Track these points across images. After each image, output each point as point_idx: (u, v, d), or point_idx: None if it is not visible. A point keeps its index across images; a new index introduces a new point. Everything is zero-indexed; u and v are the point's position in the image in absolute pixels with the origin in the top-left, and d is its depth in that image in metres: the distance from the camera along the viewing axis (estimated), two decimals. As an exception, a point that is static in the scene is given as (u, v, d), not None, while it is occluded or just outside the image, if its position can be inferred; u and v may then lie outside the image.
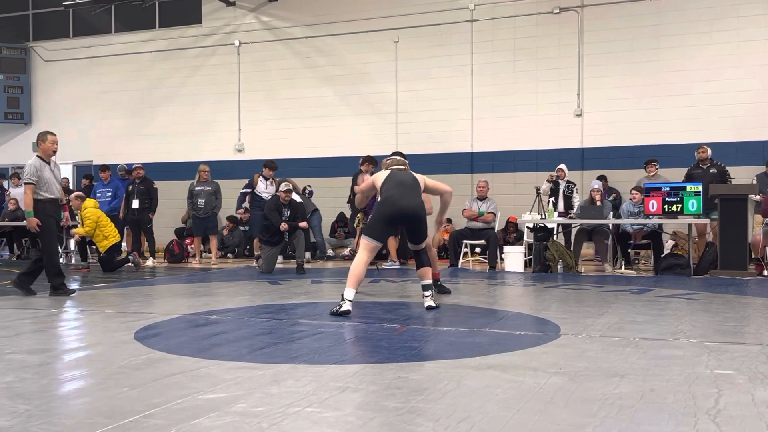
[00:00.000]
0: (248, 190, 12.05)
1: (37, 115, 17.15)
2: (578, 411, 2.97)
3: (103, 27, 16.50)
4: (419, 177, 6.40)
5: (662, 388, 3.33)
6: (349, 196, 11.76)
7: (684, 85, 12.19)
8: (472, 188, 12.39)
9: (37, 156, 7.36)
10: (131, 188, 12.23)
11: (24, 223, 13.19)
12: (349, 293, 5.77)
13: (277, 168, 12.09)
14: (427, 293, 6.12)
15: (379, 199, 6.26)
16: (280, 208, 10.23)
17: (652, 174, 10.85)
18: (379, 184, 6.28)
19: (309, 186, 13.16)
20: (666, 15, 12.38)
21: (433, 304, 6.04)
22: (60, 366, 3.95)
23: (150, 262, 11.96)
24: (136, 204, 12.03)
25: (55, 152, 7.42)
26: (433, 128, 13.60)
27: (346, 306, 5.69)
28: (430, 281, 6.23)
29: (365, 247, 6.06)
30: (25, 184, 7.27)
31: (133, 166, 12.57)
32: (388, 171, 6.36)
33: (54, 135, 7.48)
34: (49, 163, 7.33)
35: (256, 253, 11.52)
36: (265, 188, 11.79)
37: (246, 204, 12.20)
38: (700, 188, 9.49)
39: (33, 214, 7.21)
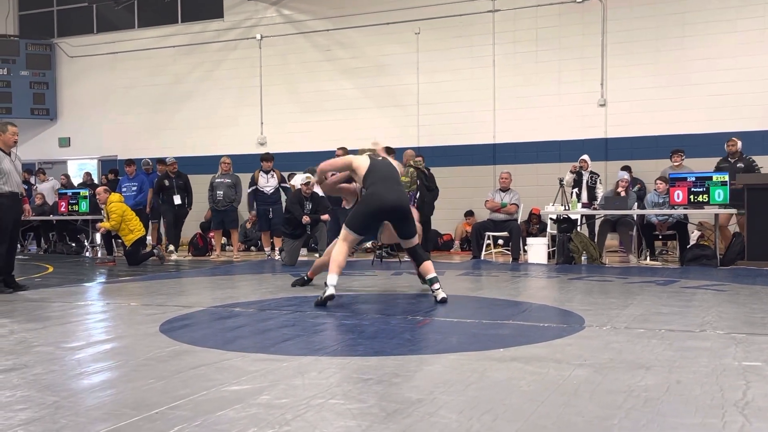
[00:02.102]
0: (254, 188, 11.84)
1: (62, 111, 17.35)
2: (603, 403, 2.94)
3: (126, 23, 16.64)
4: (398, 166, 6.42)
5: (689, 380, 3.30)
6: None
7: (709, 74, 12.00)
8: (495, 180, 12.33)
9: None
10: (168, 183, 12.07)
11: (51, 217, 13.49)
12: (332, 279, 5.76)
13: (273, 159, 12.02)
14: (435, 286, 5.98)
15: (364, 192, 6.18)
16: (302, 201, 10.26)
17: (677, 164, 10.71)
18: (361, 172, 6.15)
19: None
20: (690, 2, 12.20)
21: (445, 296, 5.93)
22: (87, 358, 4.00)
23: (174, 255, 12.02)
24: (178, 200, 12.01)
25: (15, 143, 7.26)
26: (455, 120, 13.55)
27: (330, 291, 5.70)
28: (435, 274, 6.07)
29: (345, 239, 6.01)
30: None
31: (168, 160, 12.46)
32: (368, 158, 6.24)
33: (15, 126, 7.30)
34: (9, 154, 7.18)
35: (276, 248, 11.56)
36: (266, 182, 11.67)
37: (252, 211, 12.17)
38: (726, 178, 9.35)
39: None
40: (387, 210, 6.04)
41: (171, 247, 12.26)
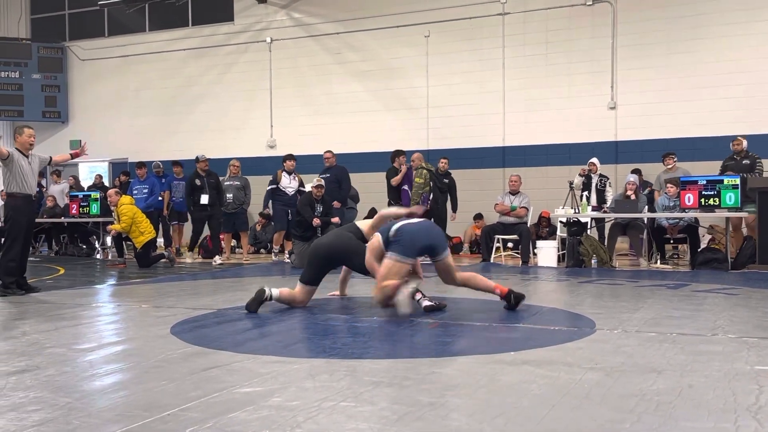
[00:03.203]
0: (274, 186, 11.67)
1: (74, 114, 17.46)
2: (615, 407, 2.93)
3: (137, 26, 16.74)
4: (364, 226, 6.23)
5: (701, 384, 3.28)
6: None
7: (721, 77, 11.96)
8: (504, 183, 12.31)
9: (15, 148, 7.29)
10: (200, 182, 11.34)
11: (63, 219, 13.56)
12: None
13: (296, 160, 11.89)
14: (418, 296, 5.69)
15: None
16: (313, 203, 10.28)
17: (670, 167, 10.68)
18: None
19: None
20: (702, 5, 12.17)
21: (432, 303, 5.60)
22: (99, 360, 4.02)
23: (189, 258, 11.92)
24: (205, 199, 11.26)
25: (32, 145, 7.34)
26: (465, 123, 13.55)
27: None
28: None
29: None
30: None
31: (201, 157, 11.59)
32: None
33: (31, 129, 7.37)
34: (27, 156, 7.28)
35: (287, 250, 11.58)
36: (288, 183, 11.55)
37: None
38: (737, 181, 9.30)
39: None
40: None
41: (188, 254, 11.96)
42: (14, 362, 3.90)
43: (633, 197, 10.01)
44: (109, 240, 12.91)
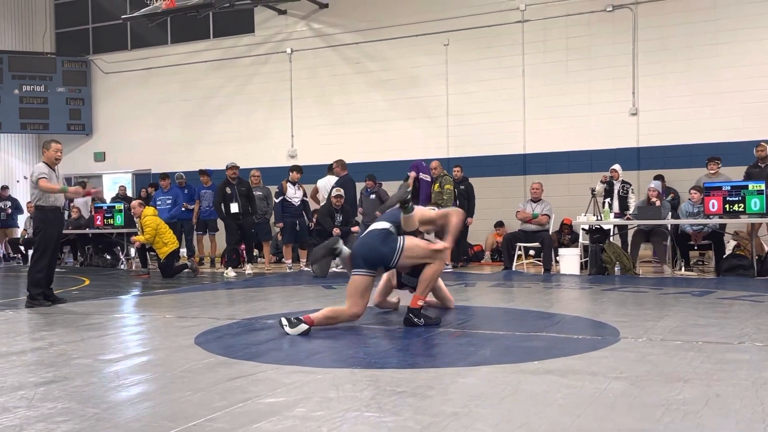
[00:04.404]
0: (282, 197, 11.54)
1: (98, 126, 17.69)
2: (641, 416, 2.91)
3: (160, 39, 16.94)
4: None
5: (728, 393, 3.24)
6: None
7: (743, 81, 11.85)
8: (525, 190, 12.27)
9: (43, 162, 7.40)
10: (230, 191, 10.92)
11: (87, 231, 13.72)
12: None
13: (302, 173, 11.88)
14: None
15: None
16: (333, 213, 10.32)
17: (713, 172, 10.55)
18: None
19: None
20: (723, 9, 12.07)
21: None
22: (124, 370, 4.06)
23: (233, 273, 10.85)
24: (235, 208, 10.83)
25: (58, 160, 7.43)
26: (485, 130, 13.53)
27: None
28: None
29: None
30: (39, 179, 7.12)
31: (229, 165, 11.11)
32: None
33: (59, 144, 7.47)
34: (54, 170, 7.38)
35: (301, 260, 11.60)
36: (294, 193, 11.49)
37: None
38: (763, 186, 9.18)
39: (67, 189, 7.35)
40: None
41: (230, 271, 10.82)
42: (42, 373, 3.96)
43: (658, 203, 9.92)
44: (133, 251, 13.02)
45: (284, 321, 5.10)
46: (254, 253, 12.52)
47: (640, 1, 12.60)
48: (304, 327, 5.03)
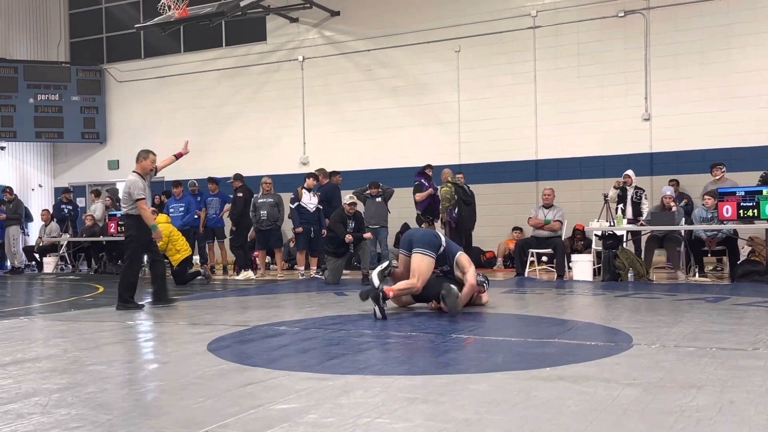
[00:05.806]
0: (297, 203, 11.56)
1: (112, 134, 17.82)
2: (654, 423, 2.89)
3: (173, 48, 17.06)
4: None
5: (742, 400, 3.22)
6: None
7: (757, 86, 11.78)
8: (537, 196, 12.24)
9: (135, 172, 7.66)
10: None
11: (101, 238, 13.81)
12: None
13: (318, 180, 11.93)
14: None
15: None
16: (345, 219, 10.33)
17: (718, 177, 10.50)
18: None
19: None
20: (736, 14, 12.00)
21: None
22: (138, 377, 4.08)
23: (245, 275, 11.67)
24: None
25: (152, 170, 7.75)
26: (497, 136, 13.52)
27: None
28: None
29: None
30: (138, 200, 7.43)
31: (236, 176, 12.24)
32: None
33: (155, 155, 7.80)
34: (145, 179, 7.65)
35: (312, 267, 11.62)
36: (309, 200, 11.52)
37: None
38: (777, 192, 9.12)
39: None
40: None
41: (247, 273, 11.70)
42: (56, 379, 3.99)
43: (674, 208, 9.86)
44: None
45: (377, 312, 6.07)
46: (266, 260, 12.60)
47: (652, 6, 12.55)
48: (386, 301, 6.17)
